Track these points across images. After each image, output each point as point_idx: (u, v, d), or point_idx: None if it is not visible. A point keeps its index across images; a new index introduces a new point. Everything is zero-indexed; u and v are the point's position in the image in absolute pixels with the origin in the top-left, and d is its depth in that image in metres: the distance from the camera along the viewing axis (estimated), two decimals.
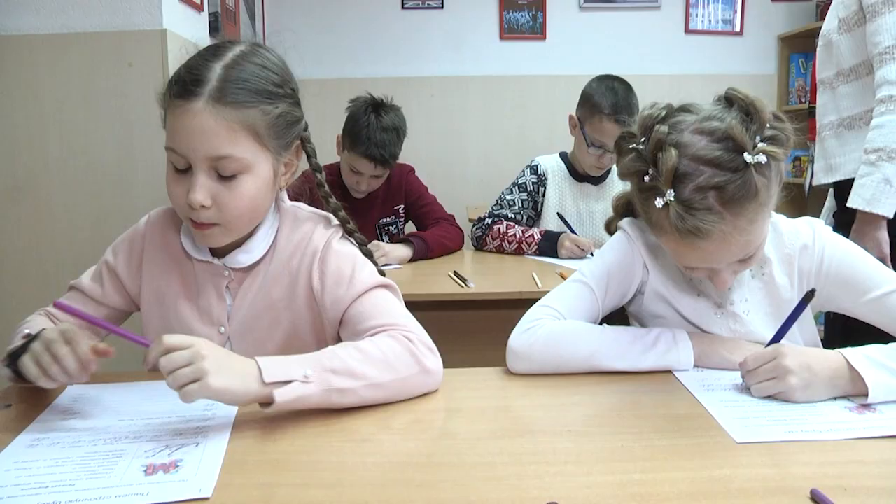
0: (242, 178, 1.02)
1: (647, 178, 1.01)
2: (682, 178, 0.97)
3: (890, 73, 1.62)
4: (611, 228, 1.27)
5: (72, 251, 2.47)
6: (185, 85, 0.99)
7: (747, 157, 0.94)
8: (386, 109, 2.23)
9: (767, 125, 0.98)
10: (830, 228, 1.14)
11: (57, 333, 0.93)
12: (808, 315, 1.14)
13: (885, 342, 0.99)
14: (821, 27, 1.89)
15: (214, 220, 1.02)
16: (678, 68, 3.92)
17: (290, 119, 1.07)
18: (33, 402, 1.02)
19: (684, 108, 1.03)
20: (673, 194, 0.97)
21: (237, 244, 1.11)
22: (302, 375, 0.89)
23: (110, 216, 2.45)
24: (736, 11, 3.96)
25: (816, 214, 1.20)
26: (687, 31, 3.96)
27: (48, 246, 2.48)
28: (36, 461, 0.83)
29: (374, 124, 2.16)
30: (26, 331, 1.04)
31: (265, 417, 0.92)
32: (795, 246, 1.12)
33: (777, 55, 3.99)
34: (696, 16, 3.95)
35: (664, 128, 1.00)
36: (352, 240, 1.17)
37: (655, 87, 3.72)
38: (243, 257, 1.11)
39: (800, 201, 3.99)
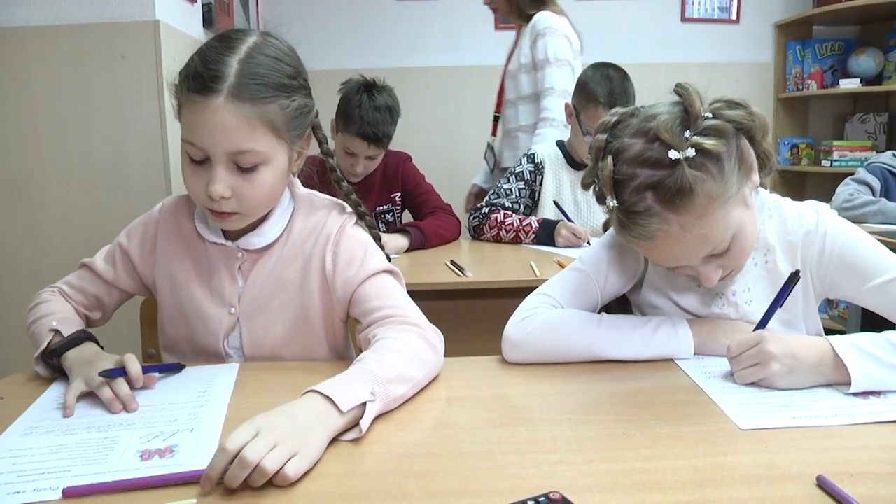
0: (261, 169, 1.04)
1: (595, 188, 1.03)
2: (620, 183, 0.97)
3: (548, 104, 2.58)
4: (607, 227, 1.25)
5: (66, 243, 2.45)
6: (202, 80, 0.98)
7: (672, 153, 0.92)
8: (378, 90, 2.21)
9: (702, 117, 0.95)
10: (836, 213, 1.12)
11: (97, 381, 0.95)
12: (811, 303, 1.12)
13: None
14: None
15: (234, 209, 1.05)
16: (674, 57, 3.91)
17: (304, 110, 1.08)
18: (26, 393, 1.01)
19: (634, 112, 1.02)
20: (615, 200, 0.97)
21: (251, 227, 1.13)
22: (369, 394, 0.87)
23: (104, 208, 2.43)
24: None
25: (814, 198, 1.17)
26: (683, 19, 3.94)
27: (42, 238, 2.46)
28: (30, 449, 0.83)
29: (366, 103, 2.15)
30: (53, 323, 1.08)
31: (261, 404, 0.85)
32: (798, 233, 1.09)
33: (773, 43, 3.97)
34: (693, 4, 3.93)
35: (602, 136, 1.02)
36: (363, 224, 1.20)
37: (652, 76, 3.71)
38: (256, 240, 1.14)
39: (798, 189, 3.99)
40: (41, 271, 2.44)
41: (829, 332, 1.09)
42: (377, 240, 1.19)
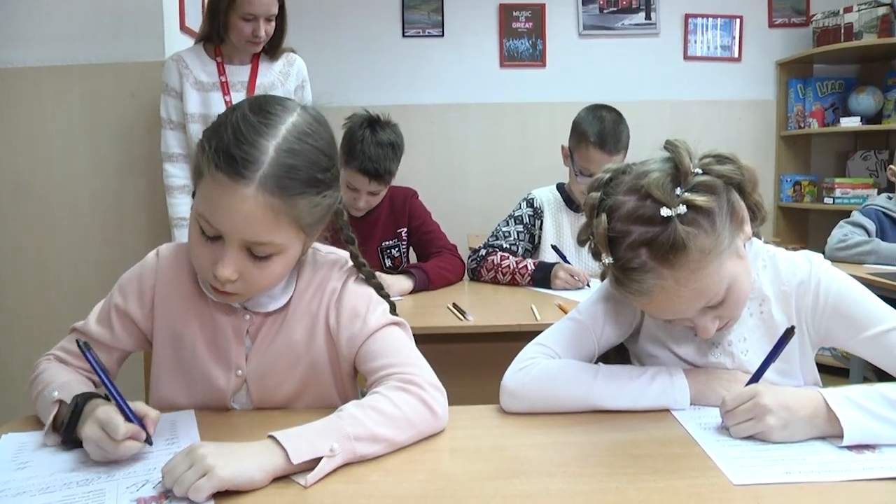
0: (275, 259, 1.01)
1: (590, 245, 1.06)
2: (615, 240, 1.00)
3: None
4: (605, 274, 1.26)
5: (73, 275, 2.49)
6: (233, 164, 0.93)
7: (664, 210, 0.95)
8: (382, 125, 2.21)
9: (691, 174, 0.98)
10: (829, 262, 1.13)
11: (99, 433, 0.90)
12: (808, 352, 1.13)
13: None
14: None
15: (236, 290, 1.01)
16: (677, 95, 3.95)
17: (331, 203, 1.05)
18: None
19: (626, 170, 1.05)
20: (610, 257, 1.00)
21: None
22: (328, 450, 0.87)
23: (111, 241, 2.47)
24: (734, 38, 3.99)
25: (817, 237, 1.18)
26: (686, 57, 3.99)
27: (49, 269, 2.50)
28: None
29: (368, 139, 2.14)
30: (55, 394, 1.00)
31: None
32: (793, 283, 1.11)
33: (775, 80, 4.01)
34: (695, 42, 3.98)
35: (596, 194, 1.05)
36: (366, 280, 1.16)
37: (656, 114, 3.77)
38: (266, 301, 1.11)
39: (801, 226, 4.00)
40: (49, 300, 2.48)
41: (833, 370, 1.09)
42: (386, 299, 1.16)
